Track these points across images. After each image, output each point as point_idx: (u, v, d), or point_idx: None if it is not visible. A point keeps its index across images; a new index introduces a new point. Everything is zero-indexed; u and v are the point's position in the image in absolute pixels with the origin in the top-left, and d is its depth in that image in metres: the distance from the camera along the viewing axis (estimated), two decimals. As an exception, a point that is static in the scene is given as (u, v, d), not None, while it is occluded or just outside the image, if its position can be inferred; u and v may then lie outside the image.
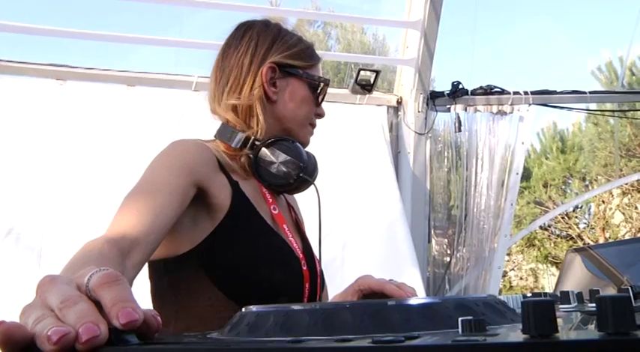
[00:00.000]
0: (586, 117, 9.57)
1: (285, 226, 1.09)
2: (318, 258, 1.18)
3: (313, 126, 1.20)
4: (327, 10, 4.75)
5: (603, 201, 10.11)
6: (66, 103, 2.58)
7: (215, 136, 1.09)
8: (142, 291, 0.94)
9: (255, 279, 0.98)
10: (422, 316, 0.47)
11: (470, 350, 0.33)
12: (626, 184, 8.81)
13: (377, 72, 3.06)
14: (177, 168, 0.94)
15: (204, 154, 1.01)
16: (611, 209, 10.17)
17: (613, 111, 4.32)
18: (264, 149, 1.07)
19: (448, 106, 3.30)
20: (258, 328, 0.47)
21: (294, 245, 1.08)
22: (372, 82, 3.05)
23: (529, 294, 0.88)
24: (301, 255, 1.08)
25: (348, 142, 2.99)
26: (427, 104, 3.23)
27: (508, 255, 10.39)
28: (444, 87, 3.32)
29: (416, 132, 3.18)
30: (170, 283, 0.99)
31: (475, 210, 3.24)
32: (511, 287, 11.65)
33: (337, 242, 2.77)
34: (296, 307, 0.48)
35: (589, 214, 10.83)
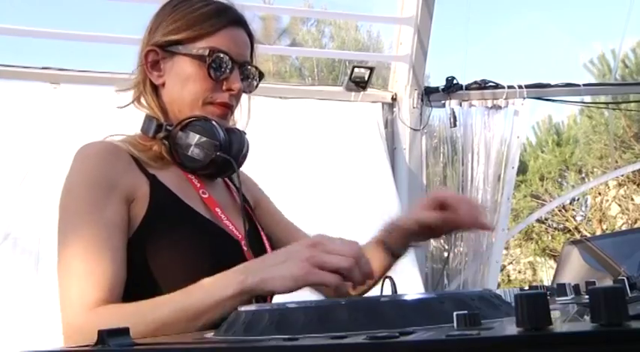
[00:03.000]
0: (580, 110, 9.58)
1: (217, 209, 1.03)
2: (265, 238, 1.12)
3: (218, 105, 1.05)
4: (320, 8, 4.74)
5: (599, 193, 10.13)
6: (60, 106, 2.57)
7: (140, 130, 1.06)
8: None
9: (188, 274, 0.90)
10: (417, 311, 0.47)
11: (463, 345, 0.33)
12: (622, 176, 8.82)
13: (371, 69, 3.06)
14: (103, 192, 0.92)
15: (117, 156, 0.97)
16: (607, 201, 10.20)
17: (607, 103, 4.34)
18: (179, 133, 1.01)
19: (443, 102, 3.29)
20: (253, 327, 0.47)
21: (230, 227, 1.02)
22: (366, 78, 3.05)
23: (527, 288, 0.89)
24: (240, 236, 1.02)
25: (343, 139, 2.99)
26: (422, 100, 3.23)
27: (506, 248, 10.41)
28: (439, 82, 3.32)
29: (411, 128, 3.18)
30: None
31: (472, 205, 3.24)
32: (510, 280, 11.67)
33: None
34: (291, 305, 0.49)
35: (585, 206, 10.85)
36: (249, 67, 1.09)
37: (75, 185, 0.94)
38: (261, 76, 1.13)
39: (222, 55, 1.02)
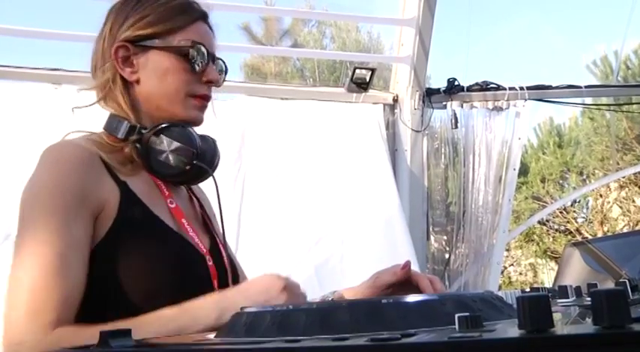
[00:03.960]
0: (582, 112, 9.58)
1: (184, 220, 0.99)
2: (232, 256, 1.10)
3: (199, 97, 1.03)
4: (321, 9, 4.75)
5: (601, 195, 10.12)
6: (62, 107, 2.57)
7: (103, 128, 1.01)
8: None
9: (153, 288, 0.89)
10: (419, 313, 0.47)
11: (465, 347, 0.33)
12: (623, 178, 8.82)
13: (372, 70, 3.05)
14: (75, 204, 0.87)
15: (88, 163, 0.92)
16: (608, 203, 10.19)
17: (609, 105, 4.33)
18: (152, 137, 0.96)
19: (444, 103, 3.29)
20: (255, 328, 0.47)
21: (196, 240, 0.99)
22: (367, 80, 3.05)
23: (528, 289, 0.89)
24: (205, 251, 0.99)
25: (345, 141, 2.99)
26: (423, 101, 3.22)
27: (507, 250, 10.40)
28: (440, 84, 3.31)
29: (412, 129, 3.18)
30: None
31: (473, 206, 3.24)
32: (510, 282, 11.67)
33: (336, 239, 2.77)
34: (293, 307, 0.48)
35: (587, 208, 10.84)
36: (218, 59, 1.09)
37: (44, 192, 0.90)
38: (226, 69, 1.12)
39: (201, 47, 1.01)
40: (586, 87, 3.54)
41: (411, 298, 0.50)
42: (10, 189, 2.46)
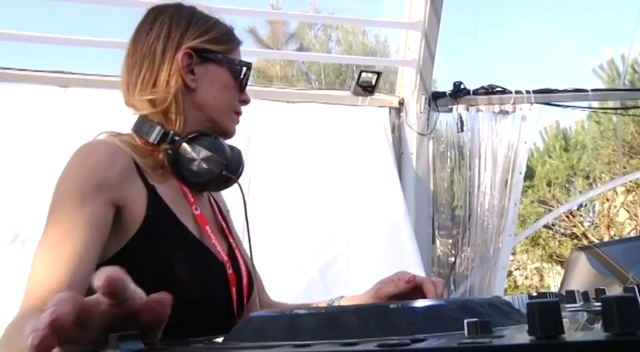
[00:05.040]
0: (588, 116, 9.55)
1: (207, 228, 1.01)
2: (246, 258, 1.11)
3: (238, 113, 1.11)
4: (327, 13, 4.76)
5: (607, 199, 10.08)
6: (69, 110, 2.59)
7: (132, 130, 1.03)
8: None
9: (175, 296, 0.88)
10: (427, 318, 0.47)
11: (476, 353, 0.33)
12: (630, 182, 8.77)
13: (378, 73, 3.06)
14: (91, 189, 0.89)
15: (118, 161, 0.93)
16: (615, 207, 10.14)
17: (615, 109, 4.32)
18: (184, 145, 0.99)
19: (450, 107, 3.29)
20: (263, 333, 0.47)
21: (218, 248, 1.01)
22: (373, 83, 3.05)
23: (535, 294, 0.88)
24: (226, 258, 1.01)
25: (350, 144, 3.00)
26: (429, 105, 3.22)
27: (513, 254, 10.36)
28: (446, 87, 3.31)
29: (418, 132, 3.18)
30: None
31: (479, 210, 3.24)
32: (516, 286, 11.62)
33: (341, 242, 2.77)
34: (301, 311, 0.49)
35: (593, 212, 10.80)
36: None
37: (69, 182, 0.92)
38: None
39: (248, 70, 1.10)
40: (592, 90, 3.53)
41: (420, 303, 0.50)
42: (18, 191, 2.48)
